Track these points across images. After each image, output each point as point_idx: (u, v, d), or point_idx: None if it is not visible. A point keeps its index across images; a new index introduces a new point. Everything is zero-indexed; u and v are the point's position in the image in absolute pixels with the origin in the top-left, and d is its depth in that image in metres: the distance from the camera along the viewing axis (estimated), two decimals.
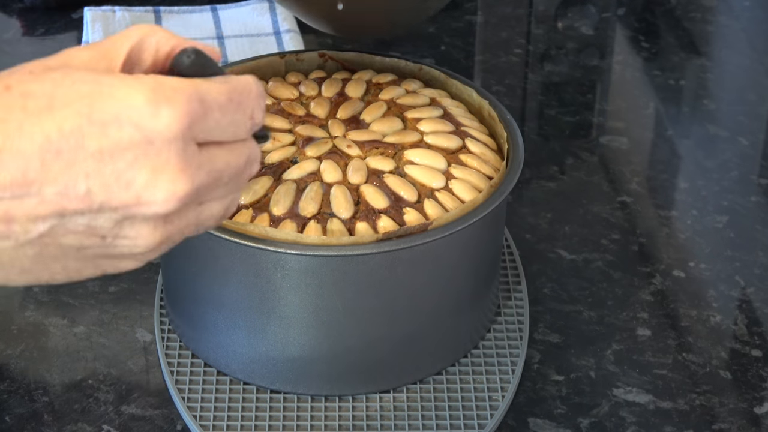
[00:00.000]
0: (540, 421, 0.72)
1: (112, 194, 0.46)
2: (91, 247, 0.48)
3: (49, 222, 0.46)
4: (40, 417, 0.71)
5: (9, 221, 0.46)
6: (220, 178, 0.49)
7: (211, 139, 0.48)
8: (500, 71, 1.09)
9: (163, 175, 0.46)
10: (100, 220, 0.47)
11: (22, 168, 0.45)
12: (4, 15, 1.13)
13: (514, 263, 0.83)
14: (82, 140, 0.45)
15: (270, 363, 0.71)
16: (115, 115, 0.45)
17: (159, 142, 0.46)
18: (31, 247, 0.47)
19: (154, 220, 0.47)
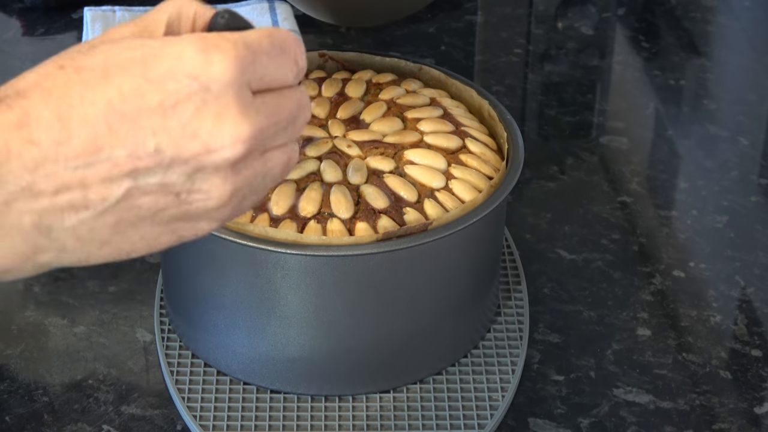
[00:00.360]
0: (540, 421, 0.72)
1: (180, 146, 0.47)
2: (166, 208, 0.48)
3: (124, 185, 0.47)
4: (40, 417, 0.71)
5: (85, 189, 0.46)
6: (278, 122, 0.49)
7: (262, 86, 0.49)
8: (500, 71, 1.09)
9: (226, 119, 0.47)
10: (173, 175, 0.47)
11: (91, 135, 0.46)
12: (4, 15, 1.13)
13: (514, 263, 0.83)
14: (143, 100, 0.46)
15: (270, 363, 0.71)
16: (169, 69, 0.46)
17: (216, 88, 0.47)
18: (109, 216, 0.47)
19: (223, 169, 0.48)
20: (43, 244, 0.47)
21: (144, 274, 0.83)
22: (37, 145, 0.45)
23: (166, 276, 0.77)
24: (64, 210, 0.47)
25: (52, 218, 0.47)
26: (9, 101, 0.46)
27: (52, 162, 0.46)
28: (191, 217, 0.49)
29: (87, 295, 0.81)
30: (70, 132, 0.46)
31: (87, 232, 0.48)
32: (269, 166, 0.50)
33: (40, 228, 0.47)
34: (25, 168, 0.45)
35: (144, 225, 0.48)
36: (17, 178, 0.45)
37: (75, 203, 0.46)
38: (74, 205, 0.47)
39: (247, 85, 0.48)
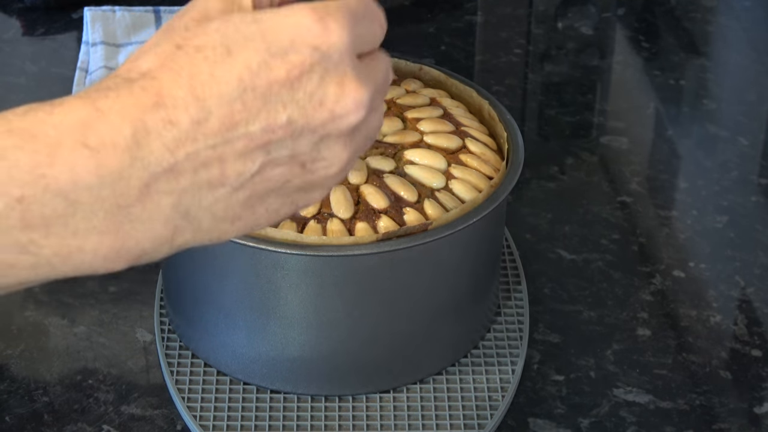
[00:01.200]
0: (540, 421, 0.72)
1: (309, 116, 0.47)
2: (292, 179, 0.49)
3: (258, 159, 0.47)
4: (40, 417, 0.72)
5: (222, 166, 0.47)
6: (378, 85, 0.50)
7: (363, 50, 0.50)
8: (500, 71, 1.09)
9: (348, 85, 0.48)
10: (301, 145, 0.48)
11: (228, 112, 0.46)
12: (4, 15, 1.13)
13: (514, 263, 0.83)
14: (271, 73, 0.46)
15: (270, 363, 0.71)
16: (291, 41, 0.47)
17: (336, 56, 0.47)
18: (243, 191, 0.48)
19: (345, 135, 0.49)
20: (181, 225, 0.48)
21: (144, 274, 0.83)
22: (177, 125, 0.46)
23: (166, 276, 0.77)
24: (202, 188, 0.47)
25: (190, 198, 0.47)
26: (141, 83, 0.46)
27: (192, 141, 0.46)
28: (311, 186, 0.50)
29: (87, 295, 0.81)
30: (208, 110, 0.46)
31: (222, 209, 0.48)
32: (371, 129, 0.51)
33: (178, 209, 0.47)
34: (166, 148, 0.46)
35: (271, 197, 0.49)
36: (159, 159, 0.45)
37: (213, 181, 0.47)
38: (212, 183, 0.47)
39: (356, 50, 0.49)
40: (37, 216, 0.45)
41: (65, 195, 0.45)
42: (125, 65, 0.48)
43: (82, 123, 0.45)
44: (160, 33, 0.49)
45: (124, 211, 0.46)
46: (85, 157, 0.45)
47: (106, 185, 0.45)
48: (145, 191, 0.46)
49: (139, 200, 0.46)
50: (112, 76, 0.47)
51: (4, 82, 1.04)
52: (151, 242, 0.48)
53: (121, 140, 0.45)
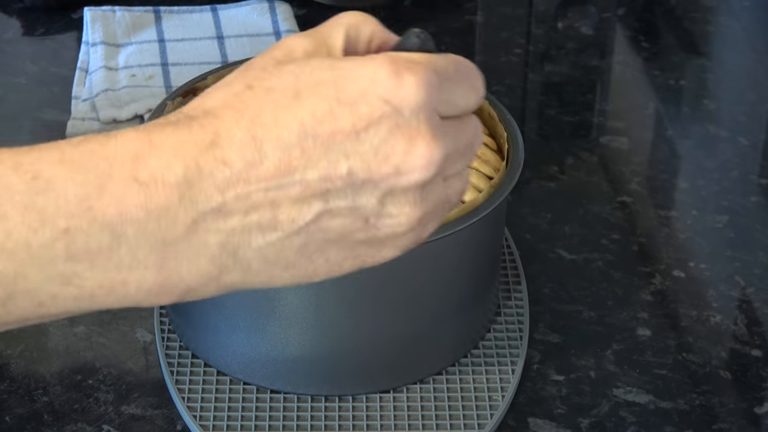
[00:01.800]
0: (540, 421, 0.72)
1: (372, 169, 0.46)
2: (355, 233, 0.48)
3: (315, 207, 0.46)
4: (40, 417, 0.71)
5: (275, 210, 0.46)
6: (459, 147, 0.49)
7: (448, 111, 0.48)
8: (500, 71, 1.09)
9: (418, 142, 0.46)
10: (363, 199, 0.47)
11: (285, 157, 0.45)
12: (4, 15, 1.13)
13: (514, 263, 0.83)
14: (335, 122, 0.46)
15: (270, 363, 0.71)
16: (362, 91, 0.46)
17: (408, 112, 0.46)
18: (298, 238, 0.47)
19: (413, 193, 0.47)
20: (228, 265, 0.47)
21: None
22: (230, 166, 0.45)
23: None
24: (253, 231, 0.46)
25: (239, 239, 0.46)
26: (201, 121, 0.46)
27: (244, 183, 0.45)
28: (378, 242, 0.49)
29: None
30: (264, 153, 0.45)
31: (274, 254, 0.47)
32: (449, 192, 0.50)
33: (226, 248, 0.46)
34: (216, 188, 0.45)
35: (330, 248, 0.48)
36: (208, 198, 0.45)
37: (264, 224, 0.46)
38: (263, 227, 0.46)
39: (435, 109, 0.47)
40: (82, 248, 0.44)
41: (111, 228, 0.44)
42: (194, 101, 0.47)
43: (134, 156, 0.45)
44: (238, 71, 0.48)
45: (169, 247, 0.45)
46: (134, 191, 0.44)
47: (153, 220, 0.45)
48: (193, 228, 0.45)
49: (185, 237, 0.45)
50: (177, 112, 0.47)
51: (4, 82, 1.04)
52: (197, 279, 0.47)
53: (171, 177, 0.45)
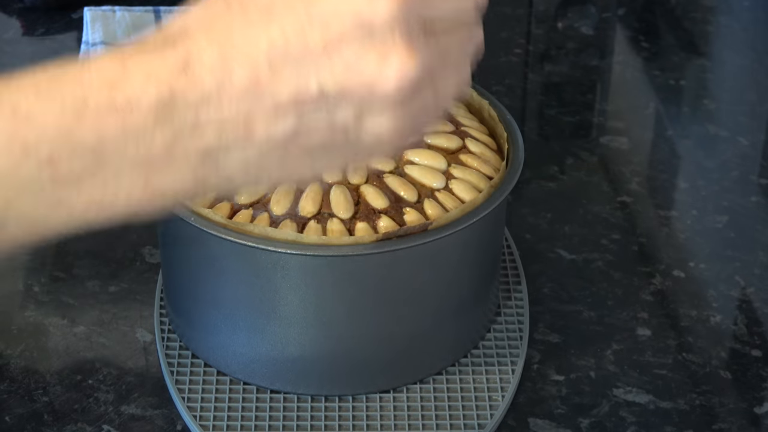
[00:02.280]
0: (540, 421, 0.72)
1: (345, 86, 0.47)
2: (335, 143, 0.48)
3: (289, 124, 0.47)
4: (40, 417, 0.71)
5: (250, 127, 0.47)
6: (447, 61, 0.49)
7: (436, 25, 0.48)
8: (500, 71, 1.09)
9: (392, 57, 0.47)
10: (339, 114, 0.47)
11: (253, 75, 0.46)
12: (4, 15, 1.13)
13: (514, 263, 0.83)
14: (306, 39, 0.46)
15: (270, 363, 0.71)
16: (334, 7, 0.46)
17: (381, 26, 0.46)
18: (276, 152, 0.48)
19: (391, 106, 0.48)
20: (210, 177, 0.48)
21: (144, 274, 0.83)
22: (201, 86, 0.46)
23: (165, 276, 0.77)
24: (230, 147, 0.47)
25: (218, 155, 0.48)
26: (175, 43, 0.47)
27: (216, 102, 0.47)
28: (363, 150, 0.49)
29: (87, 295, 0.81)
30: (233, 72, 0.46)
31: (255, 166, 0.48)
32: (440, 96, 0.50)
33: (206, 163, 0.48)
34: (189, 108, 0.46)
35: (313, 158, 0.49)
36: (183, 118, 0.47)
37: (240, 141, 0.47)
38: (239, 143, 0.47)
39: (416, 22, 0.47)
40: (67, 174, 0.46)
41: (93, 152, 0.46)
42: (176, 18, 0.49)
43: (109, 84, 0.46)
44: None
45: (151, 165, 0.47)
46: (111, 116, 0.46)
47: (131, 142, 0.46)
48: (171, 147, 0.47)
49: (165, 156, 0.47)
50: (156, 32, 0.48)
51: None
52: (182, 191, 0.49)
53: (145, 101, 0.46)
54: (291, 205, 0.69)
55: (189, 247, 0.71)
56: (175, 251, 0.73)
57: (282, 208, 0.69)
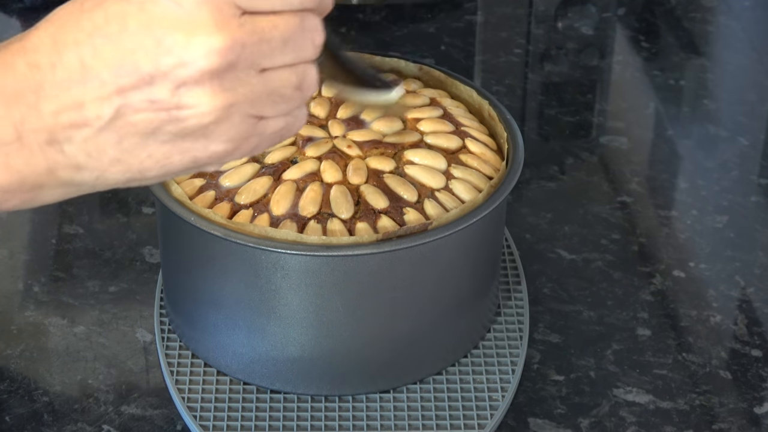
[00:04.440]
0: (540, 421, 0.72)
1: (157, 63, 0.50)
2: (163, 125, 0.51)
3: (114, 103, 0.50)
4: (40, 417, 0.71)
5: (81, 108, 0.50)
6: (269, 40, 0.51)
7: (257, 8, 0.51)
8: (500, 71, 1.09)
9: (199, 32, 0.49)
10: (157, 92, 0.50)
11: (78, 57, 0.50)
12: (4, 15, 1.13)
13: (514, 263, 0.83)
14: (125, 22, 0.49)
15: (270, 363, 0.71)
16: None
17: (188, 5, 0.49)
18: (109, 132, 0.51)
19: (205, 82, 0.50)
20: (59, 160, 0.52)
21: (144, 274, 0.83)
22: (38, 69, 0.50)
23: (166, 276, 0.77)
24: (67, 128, 0.51)
25: (60, 135, 0.51)
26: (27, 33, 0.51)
27: (50, 83, 0.50)
28: (193, 134, 0.52)
29: (87, 295, 0.81)
30: (61, 54, 0.50)
31: (95, 149, 0.51)
32: (272, 86, 0.52)
33: (52, 145, 0.51)
34: (30, 90, 0.50)
35: (148, 143, 0.52)
36: (26, 98, 0.51)
37: (75, 121, 0.51)
38: (75, 123, 0.51)
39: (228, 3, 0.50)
40: None
41: None
42: None
43: None
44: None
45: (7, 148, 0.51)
46: None
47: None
48: (20, 127, 0.51)
49: (16, 139, 0.51)
50: None
51: None
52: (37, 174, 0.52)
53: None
54: (291, 205, 0.69)
55: (189, 247, 0.71)
56: (175, 251, 0.73)
57: (282, 209, 0.69)
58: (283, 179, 0.71)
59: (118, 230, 0.87)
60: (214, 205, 0.69)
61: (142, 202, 0.90)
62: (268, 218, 0.68)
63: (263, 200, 0.70)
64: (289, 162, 0.72)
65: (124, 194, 0.90)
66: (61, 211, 0.89)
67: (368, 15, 1.17)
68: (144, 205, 0.90)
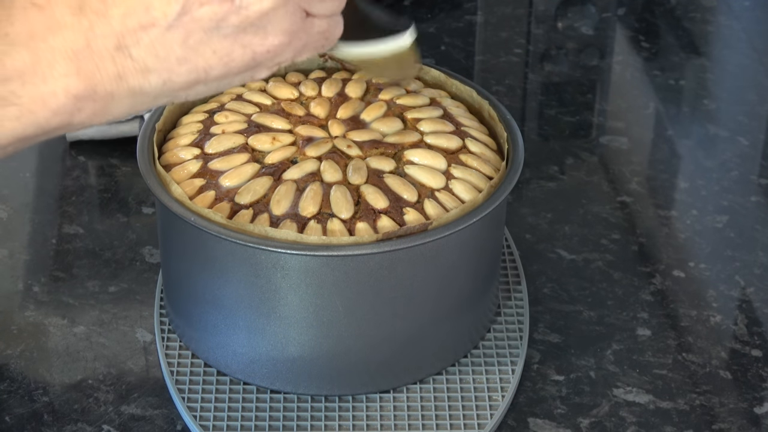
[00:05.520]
0: (540, 421, 0.72)
1: None
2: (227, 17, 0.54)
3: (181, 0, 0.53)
4: (40, 417, 0.72)
5: (148, 9, 0.53)
6: None
7: None
8: (500, 71, 1.09)
9: None
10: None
11: None
12: None
13: (514, 263, 0.83)
14: None
15: (270, 363, 0.71)
16: None
17: None
18: (176, 30, 0.54)
19: None
20: (128, 65, 0.54)
21: (144, 274, 0.83)
22: None
23: (165, 276, 0.77)
24: (136, 31, 0.53)
25: (129, 40, 0.54)
26: None
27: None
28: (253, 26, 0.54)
29: (87, 295, 0.81)
30: None
31: (162, 49, 0.54)
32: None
33: (121, 50, 0.54)
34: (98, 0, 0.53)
35: (212, 38, 0.54)
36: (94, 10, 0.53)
37: (143, 23, 0.53)
38: (143, 25, 0.53)
39: None
40: (10, 69, 0.53)
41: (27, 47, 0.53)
42: None
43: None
44: None
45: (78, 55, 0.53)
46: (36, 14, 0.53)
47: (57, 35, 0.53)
48: (90, 36, 0.53)
49: (86, 45, 0.53)
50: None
51: None
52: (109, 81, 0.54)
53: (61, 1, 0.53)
54: (291, 205, 0.69)
55: (189, 248, 0.71)
56: (175, 251, 0.73)
57: (282, 208, 0.69)
58: (283, 179, 0.71)
59: (118, 230, 0.87)
60: (214, 205, 0.69)
61: (142, 202, 0.90)
62: (268, 218, 0.68)
63: (263, 200, 0.70)
64: (289, 162, 0.73)
65: (124, 194, 0.91)
66: (61, 211, 0.89)
67: None
68: (144, 205, 0.90)
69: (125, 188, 0.91)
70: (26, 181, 0.92)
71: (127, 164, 0.93)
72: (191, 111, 0.78)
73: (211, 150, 0.73)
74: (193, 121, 0.77)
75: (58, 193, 0.91)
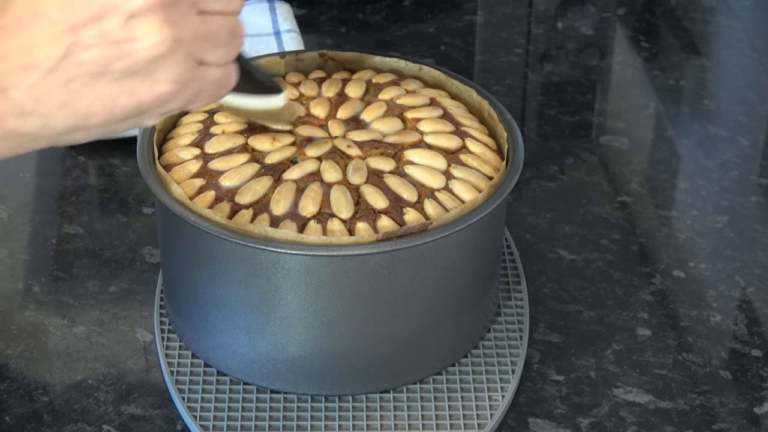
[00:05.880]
0: (540, 421, 0.72)
1: None
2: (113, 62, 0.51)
3: (65, 41, 0.51)
4: (40, 417, 0.72)
5: (29, 50, 0.51)
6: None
7: None
8: (500, 71, 1.09)
9: None
10: (108, 25, 0.51)
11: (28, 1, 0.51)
12: None
13: (514, 263, 0.83)
14: None
15: (270, 363, 0.71)
16: None
17: None
18: (58, 73, 0.51)
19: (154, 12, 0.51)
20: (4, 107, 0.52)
21: (144, 274, 0.83)
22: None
23: (165, 276, 0.77)
24: (15, 72, 0.51)
25: (7, 81, 0.51)
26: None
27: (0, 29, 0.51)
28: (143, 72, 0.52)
29: (87, 295, 0.81)
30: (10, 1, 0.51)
31: (43, 92, 0.52)
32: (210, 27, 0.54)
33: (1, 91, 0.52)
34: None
35: (97, 83, 0.52)
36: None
37: (23, 64, 0.51)
38: (23, 66, 0.51)
39: None
40: None
41: None
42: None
43: None
44: None
45: None
46: None
47: None
48: None
49: None
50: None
51: None
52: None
53: None
54: (291, 205, 0.69)
55: (189, 247, 0.71)
56: (175, 252, 0.73)
57: (282, 208, 0.69)
58: (283, 179, 0.71)
59: (118, 230, 0.87)
60: (214, 205, 0.69)
61: (142, 202, 0.90)
62: (268, 218, 0.68)
63: (263, 200, 0.70)
64: (289, 162, 0.73)
65: (124, 194, 0.91)
66: (61, 211, 0.89)
67: (368, 15, 1.17)
68: (144, 205, 0.90)
69: (125, 188, 0.91)
70: (26, 181, 0.92)
71: (127, 164, 0.93)
72: (191, 111, 0.78)
73: (211, 150, 0.73)
74: (193, 121, 0.77)
75: (58, 193, 0.91)
